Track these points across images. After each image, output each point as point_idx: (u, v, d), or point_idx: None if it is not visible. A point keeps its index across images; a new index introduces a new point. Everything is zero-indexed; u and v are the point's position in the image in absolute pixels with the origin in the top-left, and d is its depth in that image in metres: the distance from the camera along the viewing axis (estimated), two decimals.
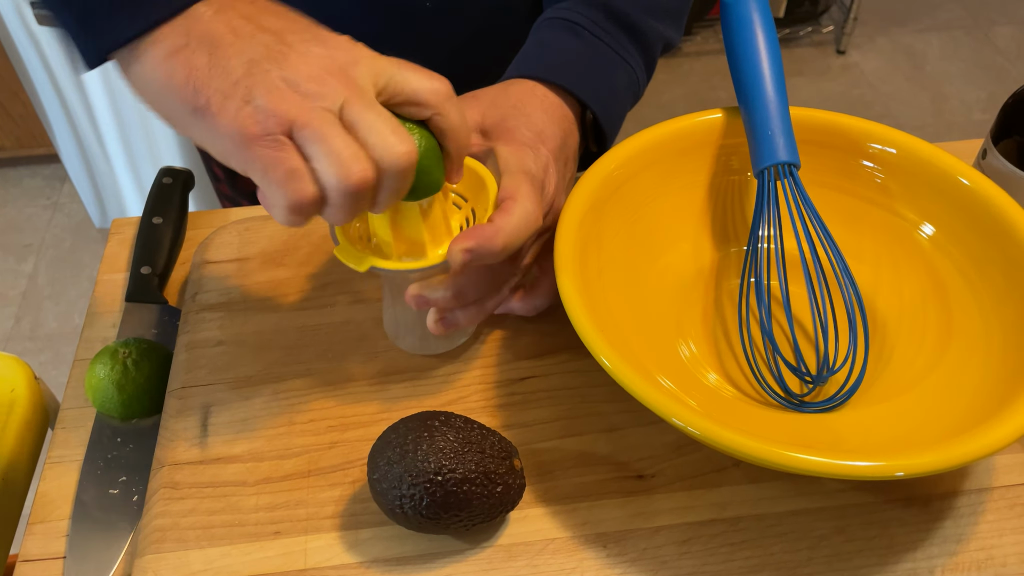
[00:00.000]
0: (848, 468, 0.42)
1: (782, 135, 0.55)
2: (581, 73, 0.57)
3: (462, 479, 0.44)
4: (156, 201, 0.66)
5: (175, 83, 0.40)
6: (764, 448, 0.42)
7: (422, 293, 0.49)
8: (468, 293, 0.50)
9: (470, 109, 0.54)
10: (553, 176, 0.53)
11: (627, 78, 0.60)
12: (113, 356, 0.56)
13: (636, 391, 0.45)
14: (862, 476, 0.42)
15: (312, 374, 0.56)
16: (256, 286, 0.62)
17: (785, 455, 0.42)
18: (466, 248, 0.46)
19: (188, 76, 0.40)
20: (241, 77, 0.39)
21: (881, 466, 0.42)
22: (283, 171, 0.39)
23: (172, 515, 0.50)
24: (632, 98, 0.62)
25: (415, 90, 0.43)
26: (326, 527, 0.49)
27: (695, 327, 0.57)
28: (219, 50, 0.40)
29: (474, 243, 0.46)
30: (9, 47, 1.59)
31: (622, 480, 0.51)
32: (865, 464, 0.42)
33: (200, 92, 0.39)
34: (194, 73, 0.40)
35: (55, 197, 2.06)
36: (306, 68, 0.40)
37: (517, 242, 0.47)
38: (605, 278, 0.53)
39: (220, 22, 0.40)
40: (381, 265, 0.48)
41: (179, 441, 0.53)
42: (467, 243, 0.46)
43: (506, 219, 0.47)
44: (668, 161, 0.58)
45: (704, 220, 0.60)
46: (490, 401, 0.55)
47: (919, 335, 0.53)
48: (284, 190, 0.40)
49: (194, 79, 0.40)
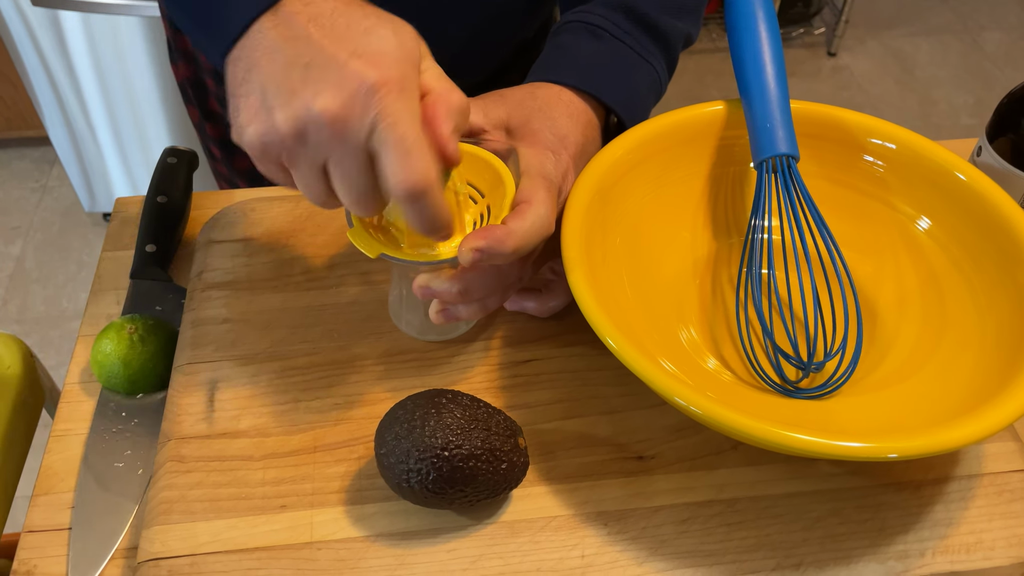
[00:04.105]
0: (842, 449, 0.43)
1: (782, 127, 0.56)
2: (605, 78, 0.58)
3: (468, 455, 0.45)
4: (161, 180, 0.67)
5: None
6: (763, 428, 0.44)
7: (429, 285, 0.50)
8: (474, 290, 0.50)
9: (496, 107, 0.54)
10: (571, 182, 0.54)
11: (649, 79, 0.61)
12: (119, 331, 0.57)
13: (640, 370, 0.46)
14: (856, 456, 0.43)
15: (318, 353, 0.57)
16: (262, 265, 0.62)
17: (783, 435, 0.43)
18: (477, 248, 0.46)
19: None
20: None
21: (875, 447, 0.43)
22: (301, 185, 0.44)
23: (179, 487, 0.50)
24: (655, 97, 0.63)
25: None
26: (331, 501, 0.50)
27: (694, 314, 0.58)
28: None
29: (485, 243, 0.46)
30: (1, 28, 1.58)
31: (622, 461, 0.52)
32: (859, 445, 0.43)
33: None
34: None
35: (44, 180, 2.05)
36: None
37: (528, 246, 0.48)
38: (609, 263, 0.54)
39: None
40: (392, 254, 0.49)
41: (185, 416, 0.54)
42: (478, 243, 0.46)
43: (519, 223, 0.47)
44: (671, 151, 0.59)
45: (704, 210, 0.61)
46: (494, 382, 0.56)
47: (914, 326, 0.54)
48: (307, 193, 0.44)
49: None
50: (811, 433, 0.43)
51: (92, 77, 1.64)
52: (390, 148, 0.40)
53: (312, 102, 0.40)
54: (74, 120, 1.73)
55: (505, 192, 0.51)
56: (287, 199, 0.67)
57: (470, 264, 0.47)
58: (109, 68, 1.61)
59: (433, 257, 0.50)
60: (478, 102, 0.54)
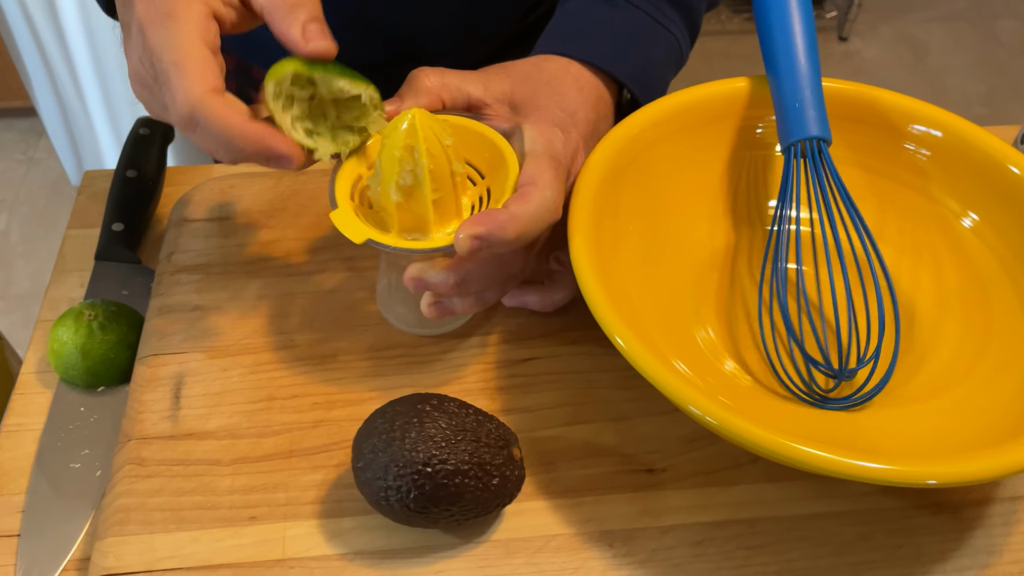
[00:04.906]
0: (875, 472, 0.38)
1: (813, 108, 0.51)
2: (618, 50, 0.52)
3: (454, 471, 0.40)
4: (132, 153, 0.61)
5: None
6: (787, 444, 0.39)
7: (421, 276, 0.45)
8: (471, 282, 0.45)
9: (499, 80, 0.49)
10: (580, 163, 0.49)
11: (668, 48, 0.55)
12: (77, 318, 0.51)
13: (651, 374, 0.41)
14: (890, 481, 0.38)
15: (296, 346, 0.52)
16: (238, 248, 0.57)
17: (809, 453, 0.39)
18: (475, 234, 0.41)
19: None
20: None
21: (911, 471, 0.38)
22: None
23: (138, 494, 0.45)
24: (675, 68, 0.57)
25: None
26: (306, 514, 0.45)
27: (711, 310, 0.53)
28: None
29: (485, 229, 0.41)
30: None
31: (630, 474, 0.47)
32: (894, 468, 0.38)
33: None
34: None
35: (31, 152, 1.99)
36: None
37: (532, 232, 0.43)
38: (620, 252, 0.49)
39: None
40: (380, 240, 0.44)
41: (148, 414, 0.49)
42: (477, 228, 0.41)
43: (523, 207, 0.42)
44: (689, 131, 0.53)
45: (724, 197, 0.56)
46: (489, 383, 0.51)
47: (956, 332, 0.49)
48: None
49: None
50: (840, 452, 0.38)
51: (83, 45, 1.58)
52: (159, 83, 0.41)
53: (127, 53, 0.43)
54: (63, 90, 1.68)
55: (508, 173, 0.46)
56: (269, 175, 0.61)
57: (468, 253, 0.42)
58: (101, 36, 1.55)
59: (426, 244, 0.44)
60: (479, 75, 0.49)
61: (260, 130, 0.41)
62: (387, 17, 0.66)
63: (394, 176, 0.44)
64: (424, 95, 0.47)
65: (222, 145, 0.41)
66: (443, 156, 0.44)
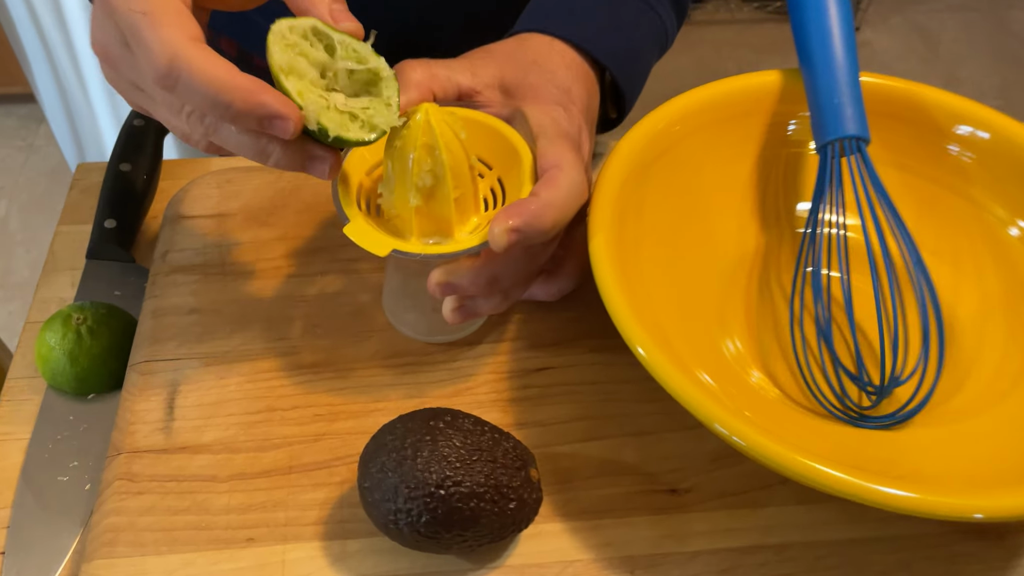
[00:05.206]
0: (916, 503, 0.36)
1: (851, 104, 0.48)
2: (602, 29, 0.50)
3: (469, 493, 0.37)
4: (125, 145, 0.58)
5: None
6: (823, 472, 0.36)
7: (449, 280, 0.42)
8: (503, 279, 0.42)
9: (485, 64, 0.47)
10: (587, 140, 0.46)
11: (652, 29, 0.53)
12: (65, 322, 0.48)
13: (675, 388, 0.38)
14: (932, 514, 0.36)
15: (297, 353, 0.49)
16: (236, 247, 0.54)
17: (847, 481, 0.36)
18: (512, 228, 0.39)
19: None
20: None
21: (956, 504, 0.36)
22: None
23: (128, 513, 0.43)
24: (659, 51, 0.55)
25: None
26: (308, 535, 0.42)
27: (737, 316, 0.50)
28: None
29: (521, 221, 0.39)
30: None
31: (652, 494, 0.44)
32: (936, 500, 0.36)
33: None
34: None
35: (30, 139, 1.96)
36: None
37: (567, 218, 0.41)
38: (643, 252, 0.46)
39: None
40: (406, 249, 0.41)
41: (140, 425, 0.46)
42: (513, 221, 0.39)
43: (554, 192, 0.40)
44: (718, 126, 0.50)
45: (752, 197, 0.53)
46: (501, 394, 0.48)
47: (1002, 346, 0.46)
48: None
49: None
50: (878, 479, 0.36)
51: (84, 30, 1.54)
52: (129, 45, 0.37)
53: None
54: (64, 77, 1.64)
55: (520, 161, 0.43)
56: (270, 170, 0.58)
57: (504, 248, 0.39)
58: None
59: (455, 247, 0.41)
60: (464, 62, 0.47)
61: (251, 82, 0.36)
62: (384, 4, 0.63)
63: (412, 178, 0.41)
64: (414, 89, 0.44)
65: (207, 101, 0.36)
66: (461, 151, 0.42)
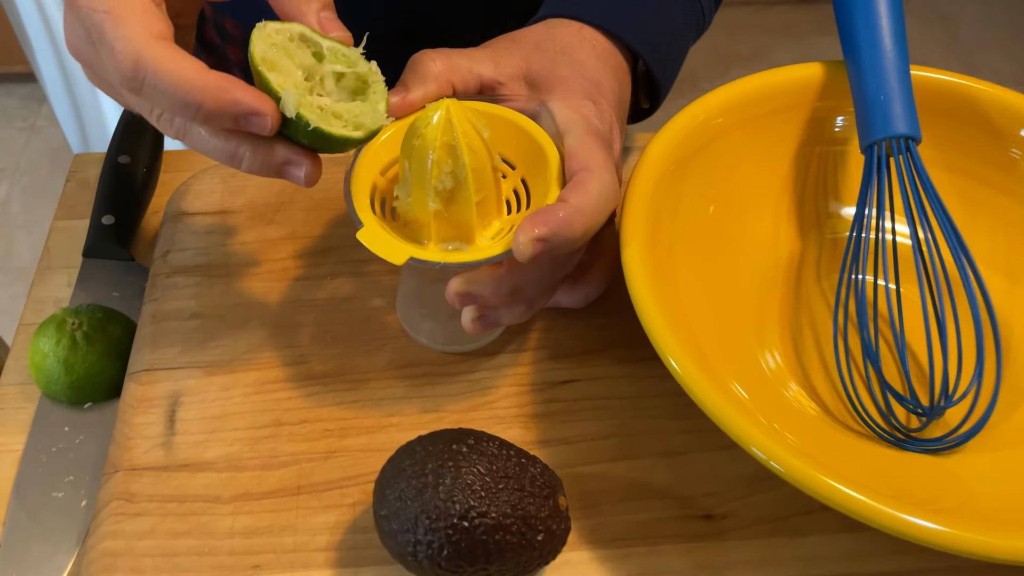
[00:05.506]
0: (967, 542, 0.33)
1: (900, 101, 0.44)
2: (635, 13, 0.46)
3: (494, 525, 0.35)
4: (124, 136, 0.55)
5: None
6: (864, 503, 0.34)
7: (469, 290, 0.39)
8: (526, 288, 0.39)
9: (510, 55, 0.43)
10: (618, 137, 0.43)
11: (687, 11, 0.49)
12: (60, 327, 0.46)
13: (710, 408, 0.36)
14: (992, 558, 0.33)
15: (306, 362, 0.46)
16: (241, 247, 0.51)
17: (890, 515, 0.34)
18: (539, 237, 0.36)
19: None
20: None
21: (1010, 547, 0.33)
22: None
23: (125, 536, 0.40)
24: (695, 34, 0.52)
25: None
26: (318, 562, 0.39)
27: (775, 326, 0.47)
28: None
29: (548, 230, 0.36)
30: None
31: (685, 520, 0.41)
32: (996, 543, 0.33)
33: None
34: None
35: (32, 119, 1.93)
36: None
37: (598, 224, 0.38)
38: (677, 256, 0.43)
39: None
40: (424, 257, 0.38)
41: (138, 439, 0.43)
42: (539, 230, 0.36)
43: (584, 197, 0.37)
44: (756, 122, 0.47)
45: (789, 198, 0.49)
46: (523, 409, 0.45)
47: None
48: None
49: None
50: (926, 513, 0.34)
51: None
52: (96, 44, 0.35)
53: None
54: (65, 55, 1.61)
55: (547, 161, 0.40)
56: None
57: (530, 258, 0.36)
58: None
59: (476, 255, 0.38)
60: (487, 52, 0.43)
61: (221, 79, 0.34)
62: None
63: (431, 181, 0.38)
64: (433, 82, 0.41)
65: (175, 103, 0.34)
66: (484, 151, 0.38)
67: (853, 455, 0.42)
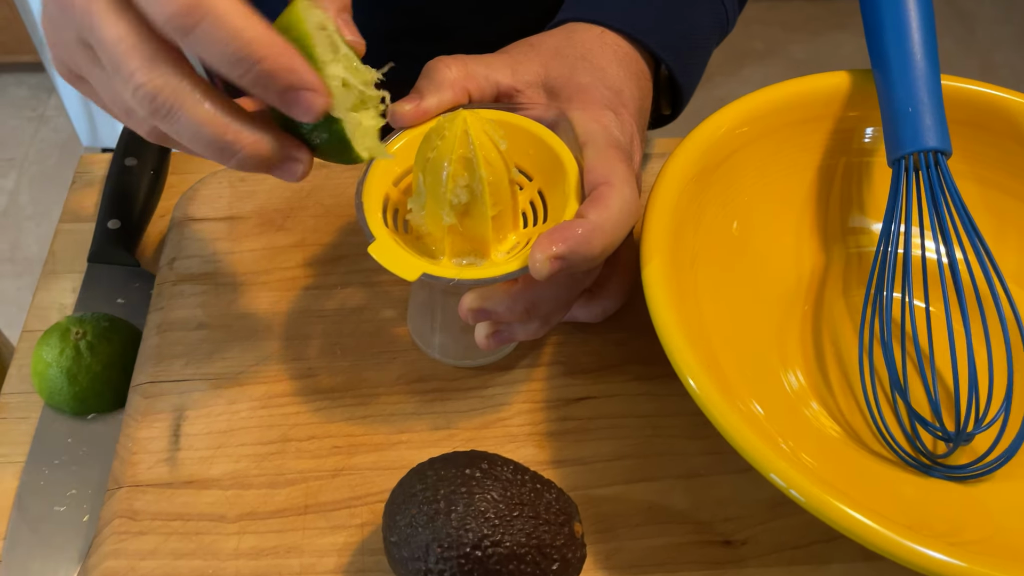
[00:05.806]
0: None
1: (930, 113, 0.43)
2: (657, 16, 0.45)
3: (508, 555, 0.33)
4: (131, 138, 0.54)
5: None
6: (897, 542, 0.33)
7: (483, 306, 0.38)
8: (541, 305, 0.38)
9: (528, 61, 0.42)
10: (638, 148, 0.42)
11: (711, 14, 0.48)
12: (63, 337, 0.45)
13: (728, 431, 0.35)
14: None
15: (315, 375, 0.45)
16: (250, 254, 0.50)
17: (909, 548, 0.33)
18: (557, 255, 0.35)
19: None
20: None
21: None
22: None
23: (128, 555, 0.39)
24: (719, 37, 0.50)
25: None
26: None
27: (797, 344, 0.45)
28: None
29: (566, 248, 0.35)
30: None
31: (704, 546, 0.40)
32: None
33: None
34: None
35: (41, 109, 1.92)
36: None
37: (618, 241, 0.36)
38: (698, 271, 0.42)
39: None
40: (437, 273, 0.36)
41: (143, 455, 0.42)
42: (558, 248, 0.35)
43: (603, 213, 0.36)
44: (780, 132, 0.46)
45: (812, 211, 0.48)
46: (536, 427, 0.44)
47: None
48: None
49: None
50: (949, 548, 0.32)
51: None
52: None
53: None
54: None
55: (565, 174, 0.39)
56: None
57: (547, 276, 0.35)
58: None
59: (491, 271, 0.37)
60: (504, 58, 0.42)
61: (284, 44, 0.31)
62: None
63: (447, 194, 0.36)
64: (448, 89, 0.40)
65: (228, 53, 0.30)
66: (501, 164, 0.37)
67: (875, 480, 0.40)
